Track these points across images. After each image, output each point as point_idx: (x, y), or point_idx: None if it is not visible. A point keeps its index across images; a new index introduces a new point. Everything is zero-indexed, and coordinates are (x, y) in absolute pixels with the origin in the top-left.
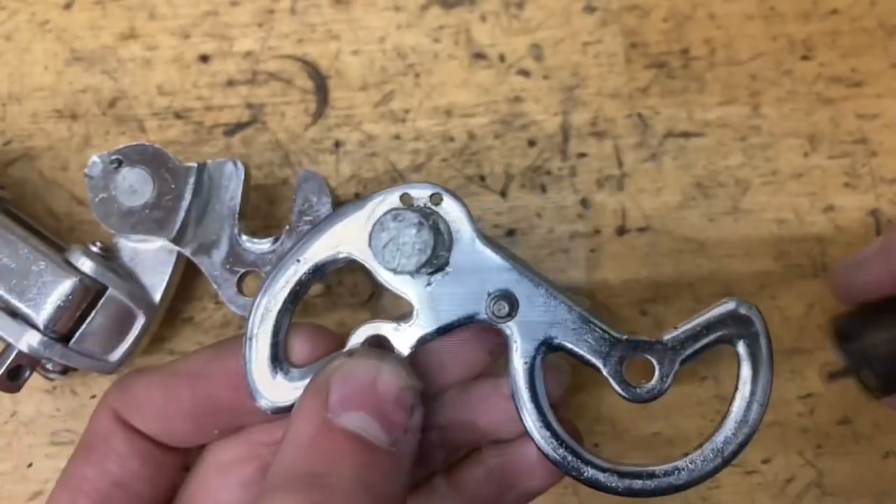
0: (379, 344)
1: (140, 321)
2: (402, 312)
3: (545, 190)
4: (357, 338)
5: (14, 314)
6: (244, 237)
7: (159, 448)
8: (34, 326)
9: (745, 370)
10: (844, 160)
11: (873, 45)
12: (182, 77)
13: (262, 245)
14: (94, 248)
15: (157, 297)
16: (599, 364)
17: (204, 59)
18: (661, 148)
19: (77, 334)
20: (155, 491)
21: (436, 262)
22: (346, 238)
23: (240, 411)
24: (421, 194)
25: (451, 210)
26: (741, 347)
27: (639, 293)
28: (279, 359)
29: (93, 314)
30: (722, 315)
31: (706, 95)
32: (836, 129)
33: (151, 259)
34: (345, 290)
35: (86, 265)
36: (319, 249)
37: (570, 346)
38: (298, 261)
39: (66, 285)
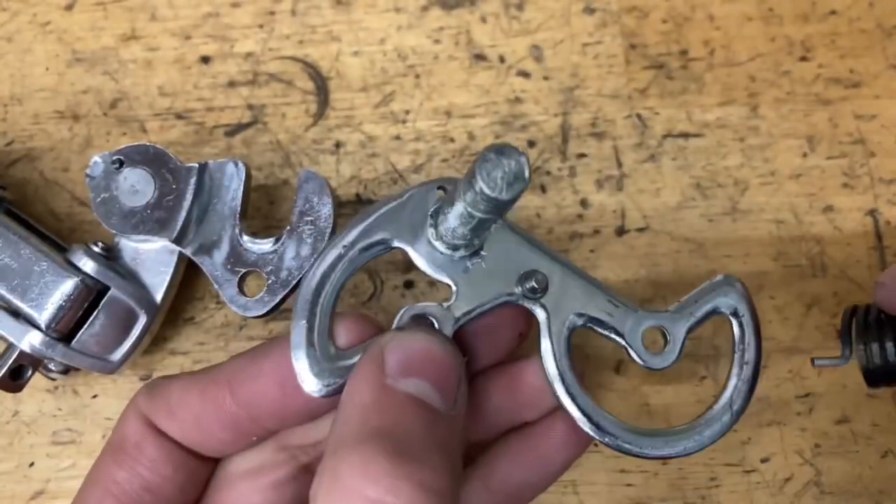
0: (424, 324)
1: (141, 321)
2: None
3: (545, 190)
4: (403, 318)
5: (16, 314)
6: (245, 237)
7: (192, 456)
8: (36, 326)
9: (736, 336)
10: (843, 161)
11: (871, 47)
12: (183, 78)
13: (264, 245)
14: (96, 249)
15: (159, 297)
16: (622, 336)
17: (205, 60)
18: (660, 148)
19: (79, 334)
20: (185, 498)
21: (477, 242)
22: (386, 226)
23: (284, 411)
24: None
25: None
26: (731, 318)
27: (638, 293)
28: (326, 343)
29: (94, 314)
30: (711, 290)
31: (705, 96)
32: (835, 129)
33: (153, 259)
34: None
35: (87, 265)
36: (362, 236)
37: (595, 321)
38: (345, 246)
39: (67, 285)
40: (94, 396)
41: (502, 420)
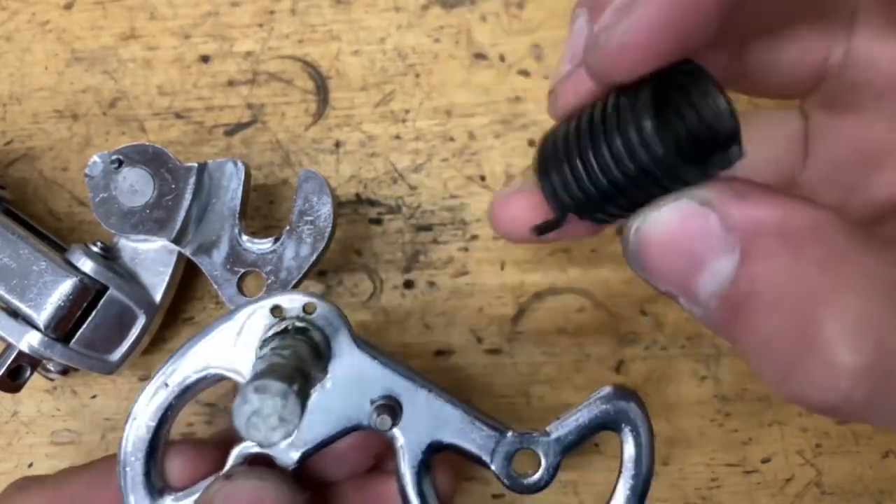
0: (261, 461)
1: (140, 321)
2: None
3: None
4: (237, 457)
5: (15, 314)
6: (245, 237)
7: None
8: (35, 326)
9: (628, 453)
10: None
11: None
12: (182, 77)
13: (263, 245)
14: (95, 248)
15: (158, 297)
16: (487, 460)
17: (204, 59)
18: None
19: (78, 334)
20: None
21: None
22: (214, 355)
23: None
24: (293, 305)
25: (325, 318)
26: (623, 433)
27: (639, 293)
28: (158, 484)
29: (93, 314)
30: (602, 407)
31: None
32: None
33: (152, 259)
34: (345, 289)
35: (86, 265)
36: (187, 370)
37: (456, 445)
38: (166, 385)
39: (66, 285)
40: (94, 397)
41: None
